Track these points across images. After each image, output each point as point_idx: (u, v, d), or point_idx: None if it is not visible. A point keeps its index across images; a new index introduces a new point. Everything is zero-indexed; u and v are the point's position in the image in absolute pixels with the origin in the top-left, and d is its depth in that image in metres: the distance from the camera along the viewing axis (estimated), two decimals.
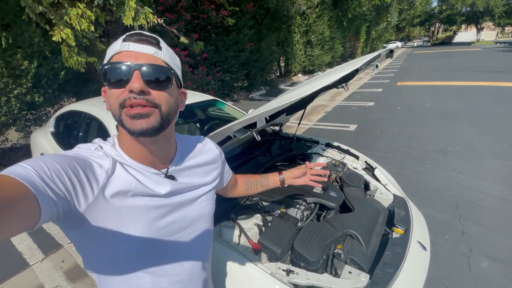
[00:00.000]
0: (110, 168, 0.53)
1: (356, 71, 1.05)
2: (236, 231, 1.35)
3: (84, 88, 5.07)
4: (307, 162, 1.03)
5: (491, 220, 2.32)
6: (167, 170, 0.62)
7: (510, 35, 45.01)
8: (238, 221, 1.41)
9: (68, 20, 3.69)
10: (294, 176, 1.02)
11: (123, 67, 0.50)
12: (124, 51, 0.52)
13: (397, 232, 1.43)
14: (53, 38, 3.68)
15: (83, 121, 2.32)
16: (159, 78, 0.53)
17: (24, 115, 4.25)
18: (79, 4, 3.74)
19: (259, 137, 1.11)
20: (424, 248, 1.36)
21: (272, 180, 1.03)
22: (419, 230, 1.46)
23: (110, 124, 1.98)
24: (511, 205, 2.50)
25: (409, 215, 1.54)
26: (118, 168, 0.54)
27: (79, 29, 3.76)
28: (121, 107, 0.51)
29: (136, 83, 0.50)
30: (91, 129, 2.26)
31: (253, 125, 1.09)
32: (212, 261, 1.21)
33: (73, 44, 3.81)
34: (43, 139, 2.67)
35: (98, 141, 0.60)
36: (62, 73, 4.26)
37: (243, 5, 7.70)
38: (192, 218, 0.66)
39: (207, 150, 0.75)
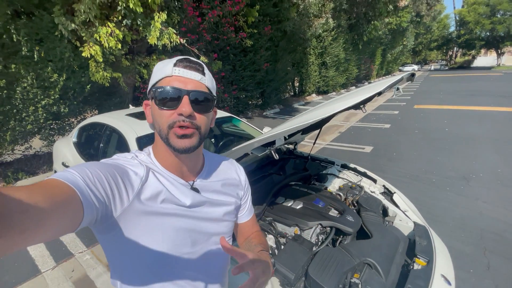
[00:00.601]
0: (144, 175, 0.58)
1: (379, 94, 1.04)
2: None
3: (106, 102, 5.31)
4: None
5: None
6: (193, 183, 0.66)
7: None
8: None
9: (97, 37, 3.95)
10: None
11: (175, 91, 0.56)
12: (175, 76, 0.57)
13: (419, 263, 1.35)
14: (83, 54, 3.94)
15: (104, 133, 2.41)
16: (203, 103, 0.59)
17: (49, 124, 4.47)
18: (109, 23, 4.01)
19: (277, 156, 1.10)
20: (449, 283, 1.26)
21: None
22: (443, 262, 1.37)
23: (130, 137, 2.04)
24: None
25: (431, 245, 1.45)
26: (151, 176, 0.59)
27: (107, 47, 4.01)
28: (170, 128, 0.57)
29: (186, 107, 0.56)
30: (112, 140, 2.33)
31: (272, 143, 1.09)
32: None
33: (101, 60, 4.06)
34: (65, 148, 2.78)
35: (134, 151, 0.66)
36: (88, 86, 4.50)
37: (261, 28, 7.99)
38: (212, 234, 0.68)
39: (233, 172, 0.78)
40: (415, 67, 41.77)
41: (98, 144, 2.46)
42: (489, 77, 20.89)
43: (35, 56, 3.78)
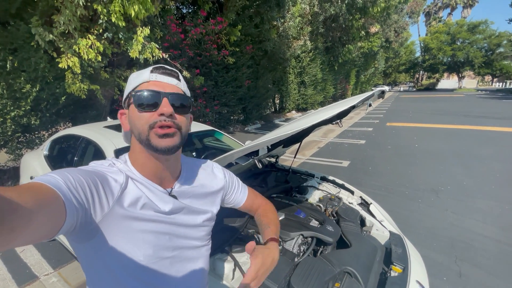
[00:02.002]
0: (124, 182, 0.58)
1: (353, 108, 1.13)
2: (230, 265, 1.30)
3: (82, 114, 5.12)
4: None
5: (487, 262, 2.28)
6: (171, 190, 0.67)
7: (490, 84, 48.63)
8: (233, 254, 1.36)
9: (77, 49, 3.88)
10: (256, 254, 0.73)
11: (155, 94, 0.58)
12: (152, 81, 0.60)
13: (396, 270, 1.40)
14: (60, 65, 3.82)
15: (79, 145, 2.31)
16: (182, 104, 0.62)
17: (17, 137, 4.20)
18: (89, 36, 3.96)
19: (261, 165, 1.13)
20: None
21: (265, 233, 0.83)
22: (417, 269, 1.43)
23: (108, 149, 1.98)
24: (505, 247, 2.49)
25: (406, 253, 1.52)
26: (130, 183, 0.60)
27: (86, 59, 3.93)
28: (151, 128, 0.58)
29: (167, 107, 0.58)
30: (87, 153, 2.24)
31: (255, 153, 1.12)
32: None
33: (79, 71, 3.96)
34: (35, 162, 2.62)
35: (110, 159, 0.65)
36: (62, 98, 4.33)
37: (243, 47, 8.26)
38: (191, 238, 0.69)
39: (210, 173, 0.79)
40: (386, 88, 44.55)
41: (72, 157, 2.35)
42: (452, 98, 22.82)
43: (8, 65, 3.61)
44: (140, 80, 0.60)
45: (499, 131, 8.09)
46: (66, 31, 3.81)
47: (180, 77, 0.65)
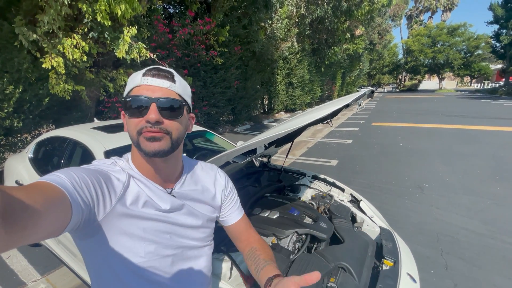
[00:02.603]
0: (126, 181, 0.60)
1: (347, 106, 1.16)
2: (227, 264, 1.30)
3: (66, 116, 4.96)
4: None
5: (471, 255, 2.39)
6: (172, 190, 0.68)
7: (469, 84, 50.89)
8: (230, 253, 1.37)
9: (61, 49, 3.76)
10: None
11: (142, 100, 0.57)
12: (143, 85, 0.59)
13: (387, 264, 1.45)
14: (43, 65, 3.69)
15: (67, 147, 2.25)
16: (172, 109, 0.60)
17: None
18: (74, 35, 3.85)
19: (258, 164, 1.15)
20: (414, 281, 1.37)
21: (267, 270, 0.69)
22: (407, 262, 1.49)
23: (97, 151, 1.94)
24: (488, 240, 2.62)
25: (396, 247, 1.57)
26: (132, 182, 0.62)
27: (71, 58, 3.82)
28: (139, 134, 0.58)
29: (152, 114, 0.57)
30: (75, 155, 2.18)
31: (252, 151, 1.13)
32: None
33: (63, 72, 3.84)
34: (19, 165, 2.51)
35: (113, 158, 0.66)
36: (46, 99, 4.18)
37: (232, 47, 8.26)
38: (192, 239, 0.70)
39: (212, 176, 0.79)
40: (371, 89, 45.84)
41: (59, 159, 2.28)
42: (433, 98, 23.70)
43: None
44: (133, 84, 0.60)
45: (478, 129, 8.50)
46: (50, 31, 3.69)
47: (176, 77, 0.62)
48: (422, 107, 16.15)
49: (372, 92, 1.51)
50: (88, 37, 4.05)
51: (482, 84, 45.73)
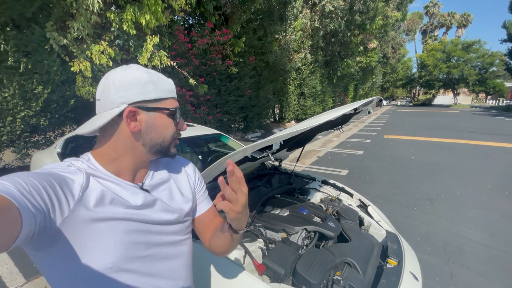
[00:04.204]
0: (84, 182, 0.55)
1: (355, 110, 1.28)
2: (241, 252, 1.41)
3: (88, 117, 5.22)
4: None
5: (476, 265, 2.40)
6: (143, 184, 0.67)
7: (484, 101, 49.73)
8: (243, 243, 1.48)
9: (89, 54, 4.06)
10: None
11: (179, 112, 0.70)
12: (174, 99, 0.69)
13: (391, 263, 1.52)
14: (72, 69, 3.99)
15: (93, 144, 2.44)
16: None
17: (25, 137, 4.31)
18: (102, 42, 4.16)
19: (273, 159, 1.27)
20: (416, 279, 1.44)
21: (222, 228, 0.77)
22: (411, 262, 1.55)
23: None
24: (493, 251, 2.62)
25: (401, 248, 1.64)
26: (92, 182, 0.57)
27: (98, 64, 4.11)
28: (173, 138, 0.68)
29: (185, 126, 0.71)
30: None
31: (269, 148, 1.26)
32: (218, 279, 1.25)
33: (89, 75, 4.12)
34: (47, 159, 2.73)
35: (68, 159, 0.62)
36: (72, 101, 4.48)
37: (246, 58, 8.54)
38: (167, 233, 0.67)
39: (179, 168, 0.80)
40: (384, 102, 45.69)
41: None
42: (448, 113, 23.28)
43: (21, 67, 3.77)
44: (169, 94, 0.66)
45: (491, 145, 8.33)
46: (80, 37, 4.00)
47: None
48: (435, 122, 15.92)
49: (380, 100, 1.62)
50: (114, 44, 4.35)
51: (497, 101, 44.56)
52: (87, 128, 0.62)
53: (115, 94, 0.60)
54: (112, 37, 4.26)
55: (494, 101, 46.57)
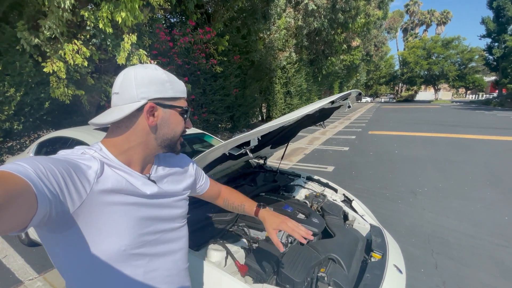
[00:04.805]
0: (98, 168, 0.58)
1: (332, 103, 1.26)
2: (223, 253, 1.36)
3: (66, 120, 5.04)
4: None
5: (460, 255, 2.46)
6: (150, 175, 0.71)
7: (464, 96, 51.75)
8: (225, 244, 1.43)
9: (62, 54, 3.87)
10: (271, 223, 0.96)
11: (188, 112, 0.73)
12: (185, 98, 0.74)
13: (375, 257, 1.51)
14: (44, 70, 3.79)
15: (69, 147, 2.31)
16: None
17: None
18: (75, 41, 3.97)
19: (252, 155, 1.23)
20: (400, 272, 1.44)
21: (247, 208, 1.03)
22: (395, 255, 1.55)
23: None
24: (476, 241, 2.69)
25: (385, 242, 1.64)
26: (106, 169, 0.60)
27: (72, 64, 3.92)
28: (181, 135, 0.73)
29: (191, 125, 0.76)
30: None
31: (246, 144, 1.22)
32: (199, 283, 1.20)
33: (64, 76, 3.93)
34: None
35: (81, 147, 0.63)
36: (47, 103, 4.27)
37: (231, 56, 8.47)
38: (172, 218, 0.75)
39: (180, 163, 0.86)
40: (368, 99, 46.82)
41: None
42: (429, 109, 24.06)
43: None
44: (183, 93, 0.72)
45: (472, 138, 8.66)
46: (53, 36, 3.81)
47: None
48: (418, 117, 16.40)
49: (360, 94, 1.61)
50: (90, 43, 4.18)
51: (477, 95, 46.55)
52: (105, 119, 0.64)
53: (137, 90, 0.63)
54: (88, 36, 4.09)
55: (474, 95, 48.57)
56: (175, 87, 0.69)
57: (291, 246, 1.53)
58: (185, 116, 0.72)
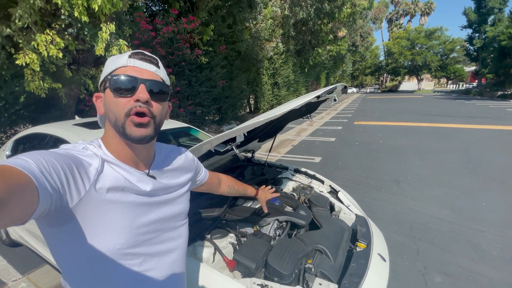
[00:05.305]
0: (99, 166, 0.57)
1: (318, 98, 1.25)
2: (211, 249, 1.36)
3: (44, 115, 4.81)
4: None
5: (441, 240, 2.58)
6: (149, 171, 0.68)
7: (446, 86, 53.42)
8: (213, 239, 1.43)
9: (36, 45, 3.64)
10: (264, 198, 1.37)
11: (131, 79, 0.58)
12: (130, 66, 0.59)
13: (360, 246, 1.56)
14: (17, 62, 3.57)
15: (47, 144, 2.21)
16: (160, 92, 0.62)
17: None
18: (48, 31, 3.73)
19: (238, 151, 1.21)
20: (384, 260, 1.49)
21: (249, 192, 1.26)
22: (379, 244, 1.60)
23: None
24: (455, 226, 2.83)
25: (369, 231, 1.69)
26: (106, 167, 0.59)
27: (46, 55, 3.70)
28: (127, 116, 0.58)
29: (143, 93, 0.58)
30: None
31: (232, 140, 1.20)
32: (188, 280, 1.19)
33: (38, 69, 3.71)
34: None
35: (82, 142, 0.62)
36: (22, 97, 4.04)
37: (217, 47, 8.27)
38: (172, 216, 0.72)
39: (181, 156, 0.83)
40: (354, 89, 47.52)
41: None
42: (412, 99, 24.71)
43: None
44: (117, 64, 0.60)
45: (452, 127, 9.00)
46: (25, 25, 3.57)
47: (160, 64, 0.65)
48: (401, 107, 16.82)
49: (345, 87, 1.61)
50: (66, 33, 3.95)
51: (457, 85, 48.16)
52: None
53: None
54: (63, 25, 3.86)
55: (455, 85, 50.20)
56: (113, 62, 0.61)
57: (279, 238, 1.55)
58: (115, 86, 0.58)
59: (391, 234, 2.66)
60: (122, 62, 0.60)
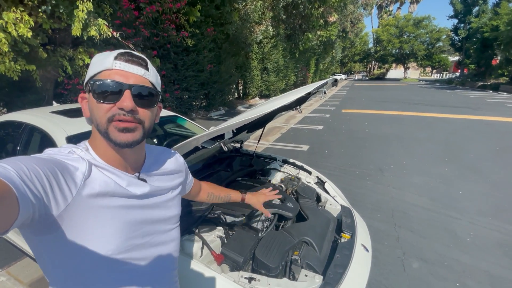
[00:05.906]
0: (86, 170, 0.54)
1: (309, 94, 1.23)
2: (198, 244, 1.36)
3: (19, 98, 4.53)
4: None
5: (419, 227, 2.71)
6: (139, 174, 0.66)
7: (430, 75, 54.61)
8: (201, 234, 1.42)
9: (3, 24, 3.35)
10: (258, 201, 1.30)
11: (115, 85, 0.54)
12: (115, 70, 0.55)
13: (345, 237, 1.60)
14: None
15: (22, 133, 2.08)
16: (147, 98, 0.58)
17: None
18: (14, 8, 3.43)
19: (227, 148, 1.19)
20: (367, 250, 1.55)
21: (233, 198, 1.22)
22: (363, 235, 1.66)
23: (59, 136, 1.83)
24: (434, 214, 2.98)
25: (354, 222, 1.74)
26: (94, 171, 0.56)
27: (16, 35, 3.42)
28: (109, 121, 0.55)
29: (127, 102, 0.54)
30: (33, 142, 2.04)
31: (221, 137, 1.17)
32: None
33: (6, 49, 3.43)
34: None
35: (68, 146, 0.60)
36: None
37: (204, 29, 7.96)
38: (164, 219, 0.70)
39: (172, 159, 0.80)
40: (343, 76, 47.77)
41: (14, 147, 2.12)
42: (398, 87, 25.17)
43: None
44: (102, 66, 0.56)
45: (434, 116, 9.29)
46: None
47: (149, 65, 0.60)
48: (388, 95, 17.12)
49: (336, 80, 1.60)
50: (40, 10, 3.65)
51: (441, 74, 49.31)
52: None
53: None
54: (36, 2, 3.55)
55: (439, 74, 51.38)
56: (98, 64, 0.56)
57: (266, 231, 1.57)
58: (98, 91, 0.54)
59: (373, 221, 2.77)
60: (107, 64, 0.55)
